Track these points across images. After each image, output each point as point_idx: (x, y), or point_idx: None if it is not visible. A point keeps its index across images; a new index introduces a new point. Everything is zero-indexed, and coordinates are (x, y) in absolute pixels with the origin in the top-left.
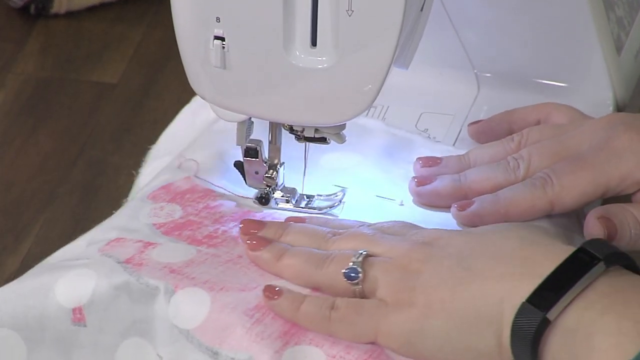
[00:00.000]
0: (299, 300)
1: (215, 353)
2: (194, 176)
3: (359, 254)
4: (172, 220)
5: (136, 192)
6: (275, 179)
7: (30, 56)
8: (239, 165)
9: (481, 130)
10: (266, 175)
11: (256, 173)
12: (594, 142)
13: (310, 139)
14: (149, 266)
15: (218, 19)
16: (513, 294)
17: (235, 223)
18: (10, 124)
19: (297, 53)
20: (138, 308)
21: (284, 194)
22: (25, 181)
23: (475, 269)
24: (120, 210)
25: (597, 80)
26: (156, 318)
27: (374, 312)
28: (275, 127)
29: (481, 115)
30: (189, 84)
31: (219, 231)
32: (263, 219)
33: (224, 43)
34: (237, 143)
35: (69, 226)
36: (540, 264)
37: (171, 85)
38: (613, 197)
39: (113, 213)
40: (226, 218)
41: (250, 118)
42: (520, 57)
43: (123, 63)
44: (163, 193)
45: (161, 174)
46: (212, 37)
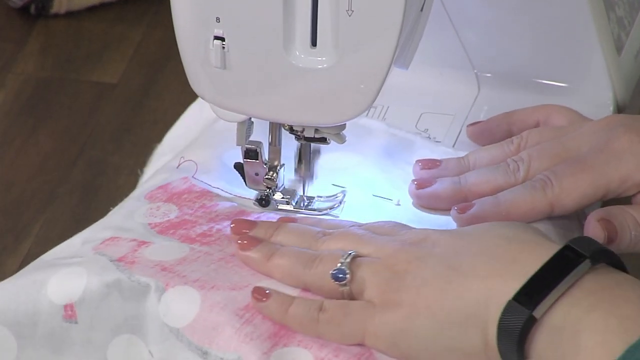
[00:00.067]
0: (288, 303)
1: (205, 353)
2: (191, 177)
3: (347, 255)
4: (168, 220)
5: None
6: (275, 180)
7: (30, 56)
8: (239, 166)
9: (480, 132)
10: (266, 177)
11: (256, 175)
12: (594, 144)
13: (310, 139)
14: (141, 264)
15: (218, 19)
16: (499, 292)
17: (230, 222)
18: (10, 124)
19: (297, 53)
20: (129, 305)
21: (284, 195)
22: (25, 181)
23: (461, 268)
24: (116, 209)
25: (597, 80)
26: (147, 316)
27: (361, 314)
28: (275, 129)
29: (481, 115)
30: (189, 84)
31: (213, 229)
32: (257, 218)
33: (224, 43)
34: (237, 143)
35: (69, 226)
36: (526, 262)
37: (171, 85)
38: (613, 199)
39: None
40: (221, 217)
41: (250, 118)
42: (520, 57)
43: (123, 63)
44: (160, 193)
45: (159, 174)
46: (212, 37)
